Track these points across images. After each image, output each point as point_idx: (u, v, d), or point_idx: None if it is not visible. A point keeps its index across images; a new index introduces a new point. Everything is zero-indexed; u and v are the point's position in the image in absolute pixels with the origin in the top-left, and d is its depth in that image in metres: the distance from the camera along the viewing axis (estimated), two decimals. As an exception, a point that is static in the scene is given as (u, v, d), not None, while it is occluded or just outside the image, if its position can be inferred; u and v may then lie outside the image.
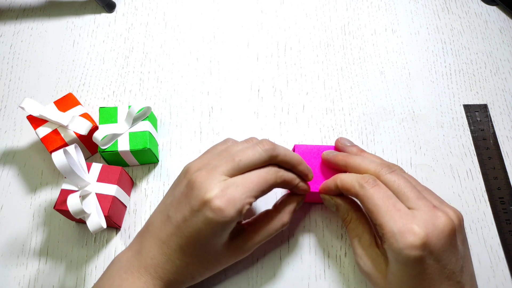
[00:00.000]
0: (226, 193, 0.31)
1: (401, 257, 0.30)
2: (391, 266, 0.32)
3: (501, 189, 0.43)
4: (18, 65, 0.52)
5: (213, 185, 0.31)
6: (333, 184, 0.36)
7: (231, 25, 0.55)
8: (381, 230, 0.31)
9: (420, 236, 0.29)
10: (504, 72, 0.51)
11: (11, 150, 0.46)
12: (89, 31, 0.54)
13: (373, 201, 0.32)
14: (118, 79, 0.50)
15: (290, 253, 0.40)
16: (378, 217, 0.31)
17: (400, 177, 0.33)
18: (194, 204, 0.31)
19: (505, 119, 0.47)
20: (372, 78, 0.50)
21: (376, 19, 0.55)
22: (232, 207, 0.31)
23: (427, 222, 0.30)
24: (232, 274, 0.39)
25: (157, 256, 0.33)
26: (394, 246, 0.30)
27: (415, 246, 0.29)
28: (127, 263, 0.34)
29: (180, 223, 0.32)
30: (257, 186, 0.32)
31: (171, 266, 0.33)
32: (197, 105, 0.49)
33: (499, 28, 0.54)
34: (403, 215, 0.30)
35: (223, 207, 0.30)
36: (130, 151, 0.41)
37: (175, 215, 0.33)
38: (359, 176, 0.34)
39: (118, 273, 0.33)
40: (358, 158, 0.37)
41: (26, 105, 0.41)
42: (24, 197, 0.43)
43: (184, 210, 0.32)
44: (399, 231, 0.30)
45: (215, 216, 0.30)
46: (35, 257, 0.40)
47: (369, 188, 0.33)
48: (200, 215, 0.31)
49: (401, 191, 0.33)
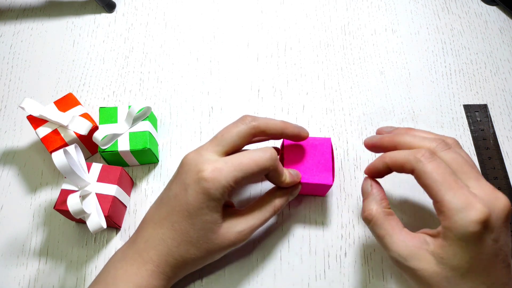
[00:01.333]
0: (215, 166, 0.32)
1: (463, 233, 0.29)
2: (447, 249, 0.30)
3: (501, 189, 0.43)
4: (18, 65, 0.52)
5: (202, 161, 0.33)
6: (382, 163, 0.34)
7: (231, 25, 0.55)
8: (441, 207, 0.30)
9: (483, 212, 0.29)
10: (504, 72, 0.51)
11: (11, 150, 0.46)
12: (89, 31, 0.54)
13: (433, 176, 0.31)
14: (118, 79, 0.51)
15: (290, 253, 0.40)
16: (440, 193, 0.30)
17: (458, 155, 0.32)
18: (184, 180, 0.33)
19: (505, 119, 0.47)
20: (372, 78, 0.50)
21: (376, 19, 0.55)
22: (218, 180, 0.32)
23: (488, 201, 0.30)
24: (232, 274, 0.39)
25: (150, 239, 0.34)
26: (457, 223, 0.29)
27: (478, 222, 0.29)
28: (121, 254, 0.35)
29: (172, 201, 0.34)
30: (245, 166, 0.33)
31: (163, 246, 0.33)
32: (197, 105, 0.49)
33: (499, 28, 0.54)
34: (466, 192, 0.30)
35: (210, 178, 0.32)
36: (130, 151, 0.41)
37: (168, 194, 0.35)
38: (412, 150, 0.32)
39: (113, 265, 0.34)
40: (408, 136, 0.34)
41: (26, 105, 0.41)
42: (24, 197, 0.43)
43: (175, 188, 0.34)
44: (462, 207, 0.29)
45: (203, 187, 0.32)
46: (35, 257, 0.40)
47: (427, 162, 0.31)
48: (189, 188, 0.32)
49: (460, 169, 0.32)
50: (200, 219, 0.33)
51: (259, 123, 0.35)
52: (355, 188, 0.43)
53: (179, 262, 0.34)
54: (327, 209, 0.42)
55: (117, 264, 0.34)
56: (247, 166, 0.33)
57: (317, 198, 0.42)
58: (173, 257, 0.33)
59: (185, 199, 0.33)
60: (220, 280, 0.39)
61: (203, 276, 0.39)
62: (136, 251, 0.34)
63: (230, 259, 0.40)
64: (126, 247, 0.35)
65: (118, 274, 0.33)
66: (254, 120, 0.35)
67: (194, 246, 0.33)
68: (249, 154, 0.34)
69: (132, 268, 0.33)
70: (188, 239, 0.33)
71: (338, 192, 0.43)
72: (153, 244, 0.34)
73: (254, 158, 0.33)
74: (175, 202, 0.33)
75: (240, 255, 0.40)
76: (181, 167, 0.35)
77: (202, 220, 0.33)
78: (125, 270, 0.33)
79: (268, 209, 0.36)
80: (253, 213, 0.36)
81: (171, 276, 0.34)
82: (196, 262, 0.34)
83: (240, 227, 0.35)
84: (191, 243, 0.33)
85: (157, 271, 0.33)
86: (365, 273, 0.39)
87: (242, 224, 0.35)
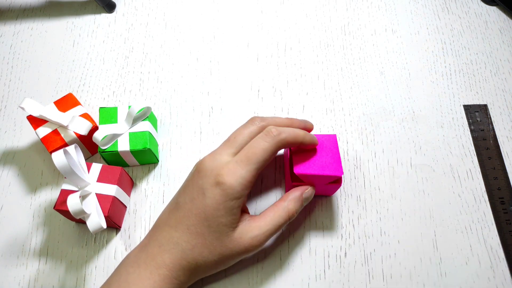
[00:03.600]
0: (229, 168, 0.33)
1: None
2: None
3: (501, 189, 0.43)
4: (18, 65, 0.52)
5: (218, 165, 0.34)
6: None
7: (231, 25, 0.55)
8: None
9: None
10: (504, 72, 0.51)
11: (11, 150, 0.46)
12: (89, 31, 0.54)
13: None
14: (118, 79, 0.51)
15: (290, 253, 0.40)
16: None
17: None
18: (200, 184, 0.34)
19: (505, 119, 0.47)
20: (372, 78, 0.50)
21: (376, 19, 0.55)
22: (235, 179, 0.33)
23: None
24: (232, 274, 0.39)
25: (165, 243, 0.34)
26: None
27: None
28: (134, 258, 0.35)
29: (189, 204, 0.34)
30: (256, 157, 0.34)
31: (177, 250, 0.33)
32: (197, 105, 0.49)
33: (499, 28, 0.54)
34: None
35: (228, 180, 0.33)
36: (130, 151, 0.41)
37: (184, 199, 0.35)
38: None
39: (125, 269, 0.34)
40: None
41: (26, 105, 0.41)
42: (24, 197, 0.43)
43: (192, 192, 0.34)
44: None
45: (221, 189, 0.32)
46: (35, 257, 0.40)
47: None
48: (207, 191, 0.33)
49: None
50: (216, 221, 0.33)
51: (268, 123, 0.37)
52: (355, 188, 0.43)
53: (191, 265, 0.34)
54: (327, 209, 0.42)
55: (129, 268, 0.34)
56: (258, 156, 0.34)
57: (316, 198, 0.42)
58: (187, 260, 0.33)
59: (203, 202, 0.33)
60: (220, 280, 0.39)
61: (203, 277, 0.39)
62: (149, 255, 0.34)
63: (230, 259, 0.40)
64: (138, 250, 0.35)
65: (131, 278, 0.33)
66: (263, 120, 0.37)
67: (208, 249, 0.34)
68: (255, 144, 0.34)
69: (145, 273, 0.33)
70: (202, 241, 0.33)
71: (338, 192, 0.43)
72: (168, 248, 0.34)
73: (260, 146, 0.34)
74: (192, 206, 0.34)
75: (240, 255, 0.40)
76: (197, 172, 0.35)
77: (218, 222, 0.33)
78: (138, 274, 0.33)
79: (282, 215, 0.36)
80: (267, 219, 0.35)
81: (183, 281, 0.34)
82: (208, 266, 0.34)
83: (253, 233, 0.34)
84: (205, 245, 0.33)
85: (169, 276, 0.33)
86: (365, 273, 0.39)
87: (256, 230, 0.35)
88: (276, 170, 0.44)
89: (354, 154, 0.45)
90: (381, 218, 0.42)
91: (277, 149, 0.35)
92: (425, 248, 0.40)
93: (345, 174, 0.44)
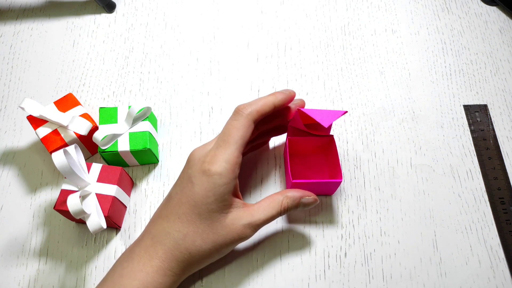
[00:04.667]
0: (211, 155, 0.34)
1: None
2: None
3: (501, 189, 0.43)
4: (18, 65, 0.52)
5: (205, 153, 0.34)
6: None
7: (231, 26, 0.55)
8: None
9: None
10: (504, 72, 0.51)
11: (11, 150, 0.46)
12: (89, 32, 0.54)
13: None
14: (118, 79, 0.51)
15: (290, 253, 0.40)
16: None
17: None
18: (190, 173, 0.34)
19: (505, 119, 0.47)
20: (372, 78, 0.50)
21: (376, 20, 0.55)
22: (218, 166, 0.33)
23: None
24: (232, 274, 0.39)
25: (157, 234, 0.34)
26: None
27: None
28: (128, 253, 0.35)
29: (179, 194, 0.34)
30: (236, 137, 0.34)
31: (169, 240, 0.34)
32: (197, 105, 0.49)
33: (499, 28, 0.54)
34: None
35: (211, 169, 0.33)
36: (130, 152, 0.41)
37: (175, 190, 0.35)
38: None
39: (120, 264, 0.34)
40: None
41: (26, 106, 0.41)
42: (24, 197, 0.43)
43: (182, 182, 0.35)
44: None
45: (208, 175, 0.33)
46: (35, 257, 0.40)
47: None
48: (195, 179, 0.33)
49: None
50: (206, 208, 0.33)
51: (252, 108, 0.36)
52: (355, 188, 0.43)
53: (185, 256, 0.34)
54: (327, 209, 0.42)
55: (123, 263, 0.34)
56: (233, 135, 0.34)
57: (317, 198, 0.42)
58: (179, 250, 0.33)
59: (192, 191, 0.33)
60: (220, 280, 0.39)
61: (203, 276, 0.39)
62: (142, 248, 0.34)
63: (230, 259, 0.40)
64: (133, 245, 0.35)
65: (124, 272, 0.33)
66: (249, 106, 0.36)
67: (200, 237, 0.33)
68: (227, 126, 0.35)
69: (138, 265, 0.33)
70: (194, 229, 0.33)
71: (338, 192, 0.43)
72: (159, 239, 0.34)
73: (233, 126, 0.34)
74: (182, 195, 0.34)
75: (240, 255, 0.40)
76: (187, 162, 0.36)
77: (208, 209, 0.33)
78: (131, 268, 0.33)
79: (276, 207, 0.36)
80: (260, 209, 0.36)
81: (177, 272, 0.34)
82: (202, 256, 0.34)
83: (246, 220, 0.34)
84: (197, 233, 0.33)
85: (162, 267, 0.33)
86: (365, 273, 0.39)
87: (248, 217, 0.35)
88: (276, 170, 0.44)
89: (354, 154, 0.45)
90: (381, 218, 0.42)
91: (250, 123, 0.35)
92: (425, 248, 0.40)
93: (345, 174, 0.44)
